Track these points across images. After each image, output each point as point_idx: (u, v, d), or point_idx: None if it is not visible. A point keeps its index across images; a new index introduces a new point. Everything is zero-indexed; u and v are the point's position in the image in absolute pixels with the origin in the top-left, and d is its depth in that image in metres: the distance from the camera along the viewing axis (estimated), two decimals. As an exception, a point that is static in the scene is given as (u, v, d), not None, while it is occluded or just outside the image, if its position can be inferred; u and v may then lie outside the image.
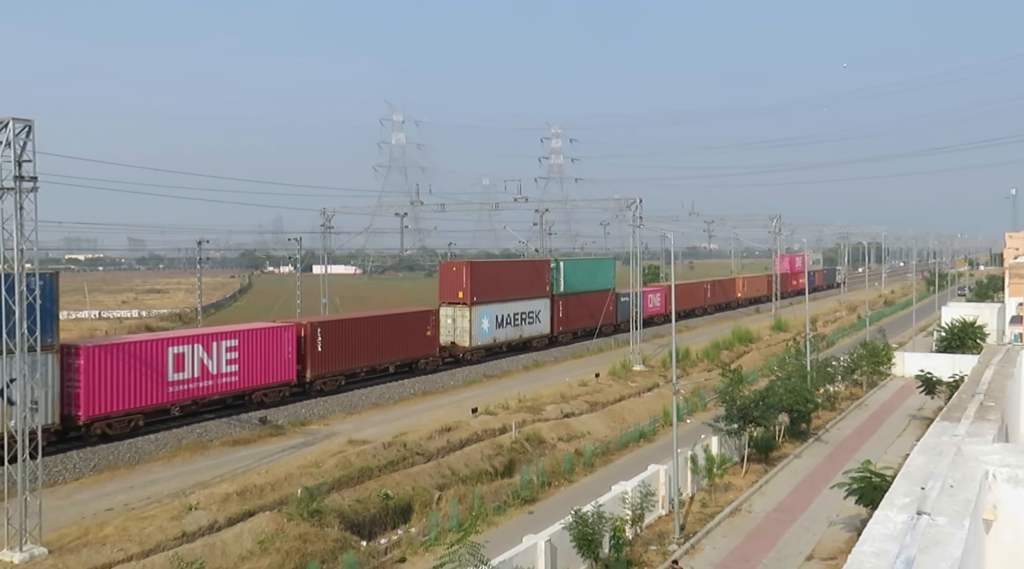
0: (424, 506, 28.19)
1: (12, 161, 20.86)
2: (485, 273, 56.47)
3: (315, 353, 41.30)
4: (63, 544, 21.57)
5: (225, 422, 36.37)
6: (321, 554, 22.81)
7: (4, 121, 20.97)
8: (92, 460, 30.24)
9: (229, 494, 25.82)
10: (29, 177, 21.11)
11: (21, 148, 20.97)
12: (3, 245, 21.36)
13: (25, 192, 21.05)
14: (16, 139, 20.89)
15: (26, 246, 21.32)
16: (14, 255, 21.18)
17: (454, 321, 53.78)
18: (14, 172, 20.88)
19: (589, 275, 67.49)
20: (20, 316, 21.53)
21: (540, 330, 60.93)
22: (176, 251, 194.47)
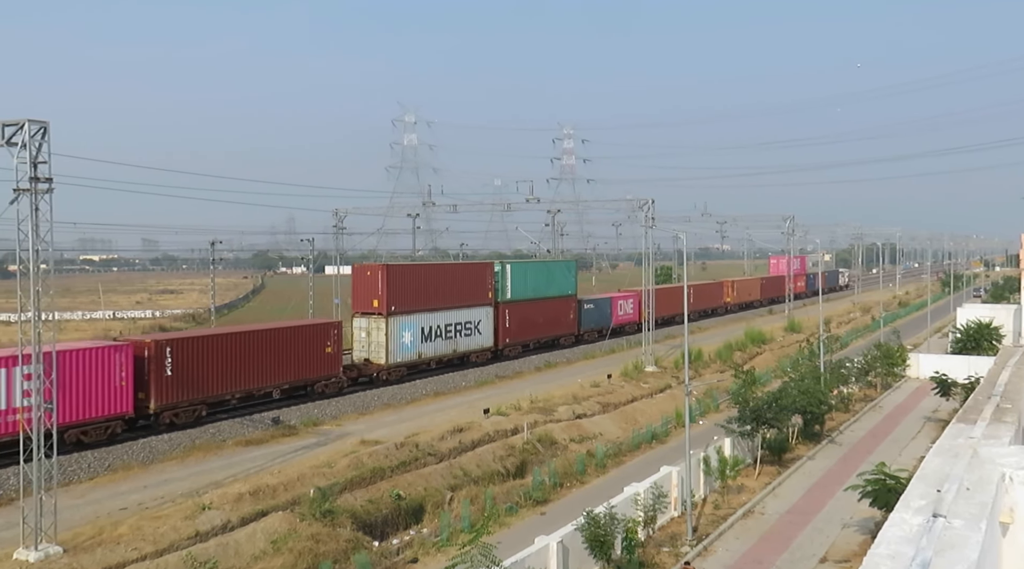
0: (436, 507, 28.20)
1: (28, 162, 20.99)
2: (407, 278, 49.10)
3: (162, 378, 33.93)
4: (78, 543, 21.69)
5: (238, 422, 36.51)
6: (333, 554, 22.85)
7: (20, 123, 21.11)
8: (107, 459, 30.42)
9: (242, 494, 25.90)
10: (44, 178, 21.23)
11: (37, 150, 21.10)
12: (19, 246, 21.49)
13: (40, 193, 21.18)
14: (32, 141, 21.03)
15: (41, 247, 21.45)
16: (30, 256, 21.31)
17: (368, 335, 46.72)
18: (29, 173, 21.00)
19: (544, 279, 60.52)
20: (35, 318, 21.66)
21: (480, 343, 53.82)
22: (190, 252, 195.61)
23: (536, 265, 63.97)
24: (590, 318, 65.61)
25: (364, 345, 46.85)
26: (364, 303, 47.19)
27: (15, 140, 21.10)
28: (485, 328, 54.02)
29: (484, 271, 55.74)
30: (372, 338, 46.66)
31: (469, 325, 52.66)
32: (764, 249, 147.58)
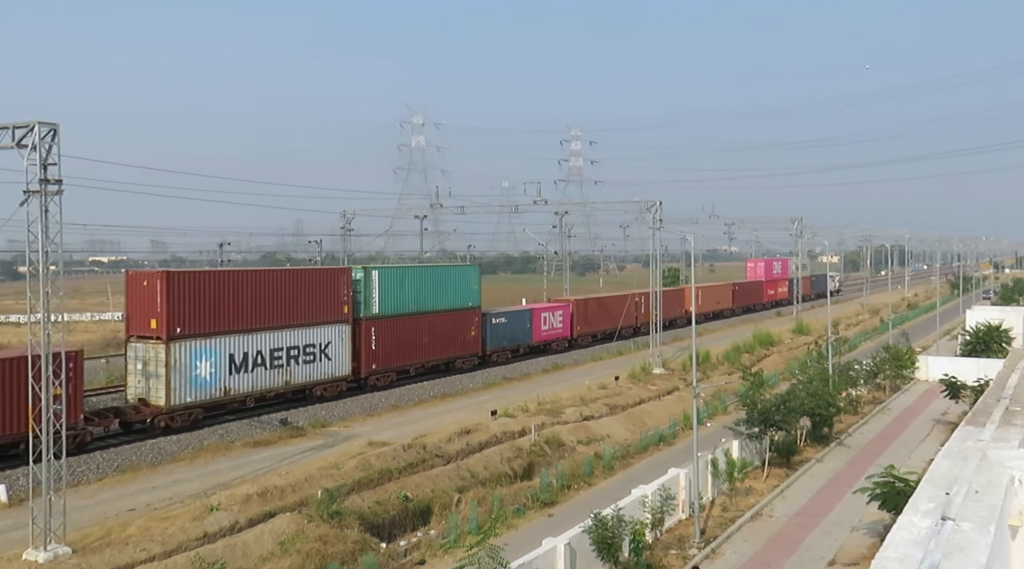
0: (443, 508, 28.21)
1: (38, 164, 21.09)
2: (204, 289, 35.89)
3: None
4: (87, 544, 21.78)
5: (246, 423, 36.59)
6: (341, 556, 22.88)
7: (30, 125, 21.22)
8: (115, 461, 30.52)
9: (250, 495, 25.97)
10: (54, 180, 21.33)
11: (47, 151, 21.20)
12: (28, 247, 21.59)
13: (50, 195, 21.28)
14: (42, 143, 21.13)
15: (51, 248, 21.55)
16: (39, 257, 21.42)
17: (145, 366, 34.44)
18: (39, 175, 21.11)
19: (431, 289, 49.31)
20: (44, 319, 21.76)
21: (330, 371, 42.00)
22: (198, 253, 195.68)
23: (419, 271, 51.01)
24: (500, 335, 55.42)
25: (140, 381, 34.70)
26: (140, 323, 34.86)
27: (25, 142, 21.21)
28: (338, 352, 42.36)
29: (337, 279, 43.01)
30: (149, 370, 34.50)
31: (311, 349, 40.72)
32: (772, 251, 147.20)
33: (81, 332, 73.19)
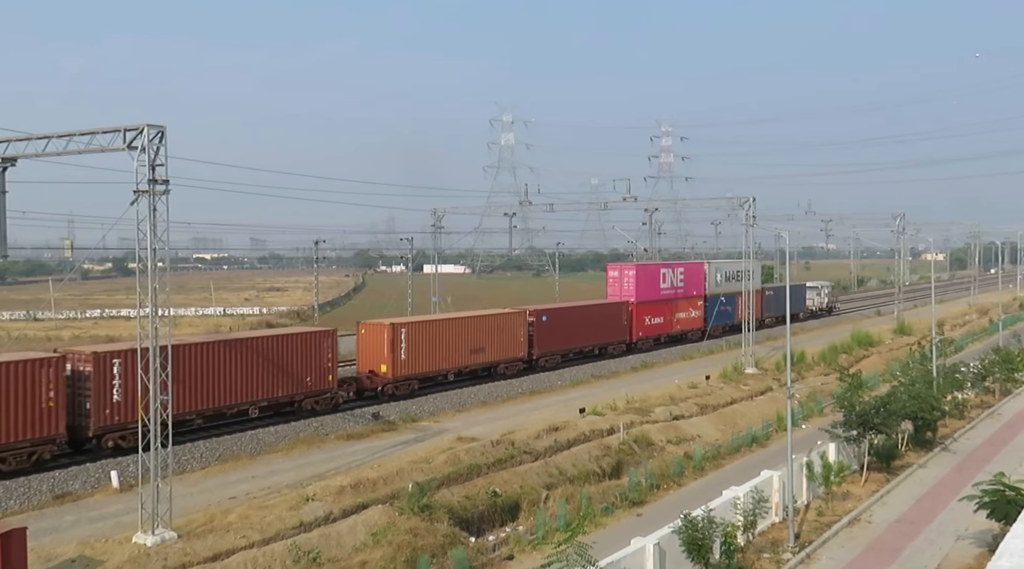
0: (532, 505, 28.27)
1: (146, 165, 22.05)
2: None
3: None
4: (190, 529, 22.70)
5: (340, 417, 37.50)
6: (431, 548, 23.19)
7: (139, 128, 22.21)
8: (217, 450, 31.74)
9: (344, 487, 26.59)
10: (161, 180, 22.26)
11: (155, 153, 22.15)
12: (138, 245, 22.62)
13: (158, 194, 22.22)
14: (150, 145, 22.08)
15: (158, 246, 22.51)
16: (148, 254, 22.41)
17: None
18: (148, 176, 22.07)
19: None
20: (152, 313, 22.76)
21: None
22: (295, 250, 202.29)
23: None
24: None
25: None
26: None
27: (135, 144, 22.21)
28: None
29: None
30: None
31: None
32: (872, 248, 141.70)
33: (186, 326, 76.33)
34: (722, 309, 67.91)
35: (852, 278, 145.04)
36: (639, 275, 61.20)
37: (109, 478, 27.43)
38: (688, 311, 66.02)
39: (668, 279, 64.20)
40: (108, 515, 24.30)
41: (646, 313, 61.20)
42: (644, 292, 61.26)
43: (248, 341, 35.36)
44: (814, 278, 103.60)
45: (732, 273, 70.16)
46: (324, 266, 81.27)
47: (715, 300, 68.07)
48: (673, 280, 64.82)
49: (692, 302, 66.38)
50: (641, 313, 60.45)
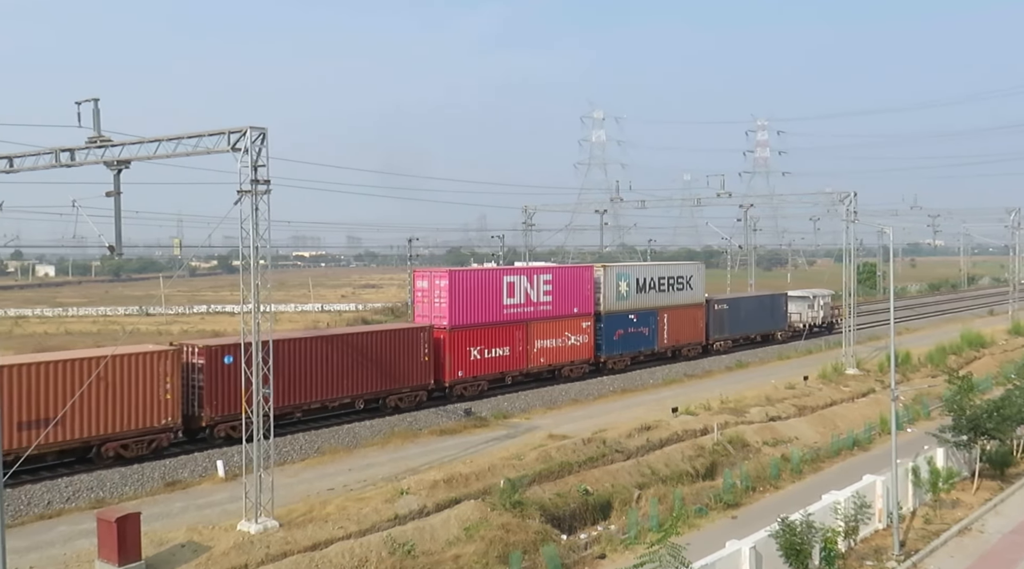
0: (623, 504, 28.08)
1: (249, 166, 22.85)
2: None
3: None
4: (291, 519, 23.43)
5: (432, 412, 38.03)
6: (523, 545, 23.28)
7: (242, 130, 23.02)
8: (316, 442, 32.65)
9: (437, 481, 26.96)
10: (263, 181, 23.01)
11: (256, 154, 22.92)
12: (241, 243, 23.46)
13: (259, 194, 22.97)
14: (252, 146, 22.86)
15: (260, 244, 23.29)
16: (250, 252, 23.21)
17: None
18: (251, 176, 22.86)
19: None
20: (255, 309, 23.57)
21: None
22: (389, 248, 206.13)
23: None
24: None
25: None
26: None
27: (239, 146, 23.05)
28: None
29: None
30: None
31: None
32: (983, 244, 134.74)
33: (286, 322, 78.77)
34: (631, 331, 49.78)
35: (962, 276, 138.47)
36: (455, 286, 40.23)
37: (215, 467, 28.57)
38: (563, 336, 45.54)
39: (519, 291, 43.31)
40: (214, 503, 25.31)
41: (470, 342, 40.61)
42: (465, 311, 40.59)
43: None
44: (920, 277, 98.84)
45: (652, 281, 51.84)
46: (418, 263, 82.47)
47: (617, 319, 48.84)
48: (530, 292, 43.87)
49: (572, 323, 46.06)
50: (460, 343, 40.14)
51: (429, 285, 40.79)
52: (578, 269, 48.01)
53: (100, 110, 27.49)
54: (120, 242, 28.97)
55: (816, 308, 68.68)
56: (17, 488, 25.41)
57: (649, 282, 51.71)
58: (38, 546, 21.59)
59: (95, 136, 27.55)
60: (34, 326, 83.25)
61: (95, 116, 27.47)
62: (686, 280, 54.17)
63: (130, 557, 19.59)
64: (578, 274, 47.22)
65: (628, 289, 49.92)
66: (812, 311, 68.20)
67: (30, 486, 25.99)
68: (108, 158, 27.35)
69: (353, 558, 21.64)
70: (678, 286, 53.72)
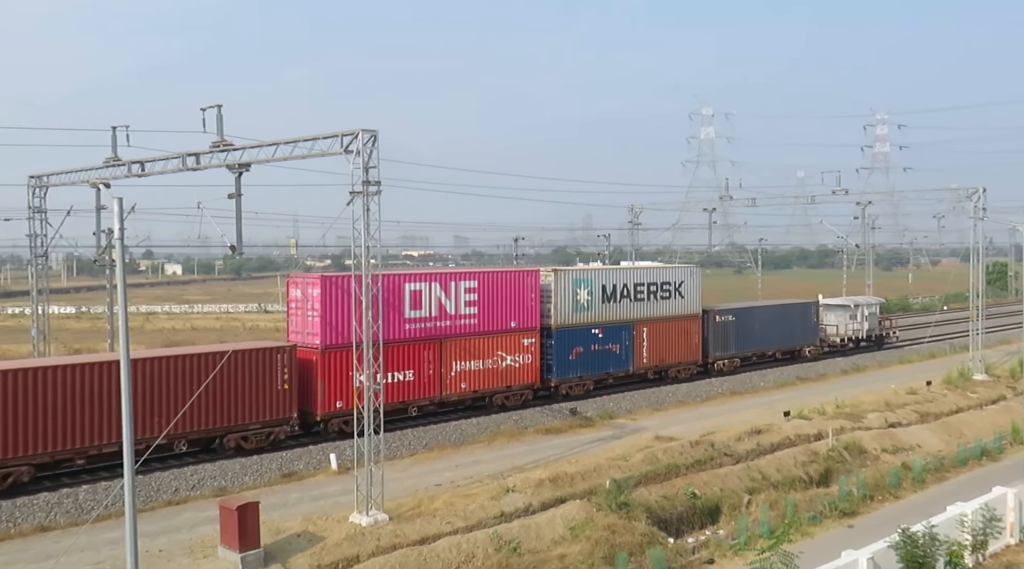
0: (732, 509, 27.47)
1: (360, 168, 23.50)
2: None
3: None
4: (400, 513, 23.94)
5: (538, 411, 38.14)
6: (629, 546, 23.08)
7: (355, 133, 23.70)
8: (424, 439, 33.27)
9: (542, 480, 27.02)
10: (374, 182, 23.62)
11: (368, 156, 23.55)
12: (353, 242, 24.13)
13: (370, 195, 23.59)
14: (364, 148, 23.50)
15: (371, 243, 23.91)
16: (362, 251, 23.86)
17: None
18: (362, 178, 23.50)
19: None
20: (366, 305, 24.23)
21: None
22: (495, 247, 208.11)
23: None
24: None
25: None
26: None
27: (351, 148, 23.73)
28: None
29: None
30: None
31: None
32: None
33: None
34: (596, 349, 40.91)
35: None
36: (331, 295, 31.48)
37: (329, 460, 29.50)
38: (494, 356, 36.68)
39: (428, 301, 34.25)
40: (328, 494, 26.14)
41: (349, 365, 30.25)
42: (347, 326, 30.24)
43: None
44: None
45: (625, 288, 42.49)
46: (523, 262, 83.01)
47: (574, 335, 39.87)
48: (445, 302, 34.83)
49: (509, 340, 37.16)
50: (338, 366, 31.60)
51: (302, 294, 32.50)
52: (517, 274, 38.46)
53: (223, 115, 28.85)
54: (241, 242, 30.28)
55: (859, 319, 58.29)
56: (147, 475, 26.92)
57: (621, 290, 42.45)
58: (166, 530, 22.82)
59: (218, 140, 28.93)
60: (163, 322, 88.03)
61: (218, 121, 28.84)
62: (674, 287, 44.67)
63: (250, 544, 20.45)
64: (517, 280, 37.77)
65: (590, 298, 40.80)
66: (854, 322, 57.95)
67: (159, 473, 27.51)
68: (230, 161, 28.66)
69: (460, 553, 21.95)
70: (663, 294, 44.12)
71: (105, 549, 21.20)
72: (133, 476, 15.26)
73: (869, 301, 60.64)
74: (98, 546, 21.37)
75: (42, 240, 38.61)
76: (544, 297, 39.33)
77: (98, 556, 20.84)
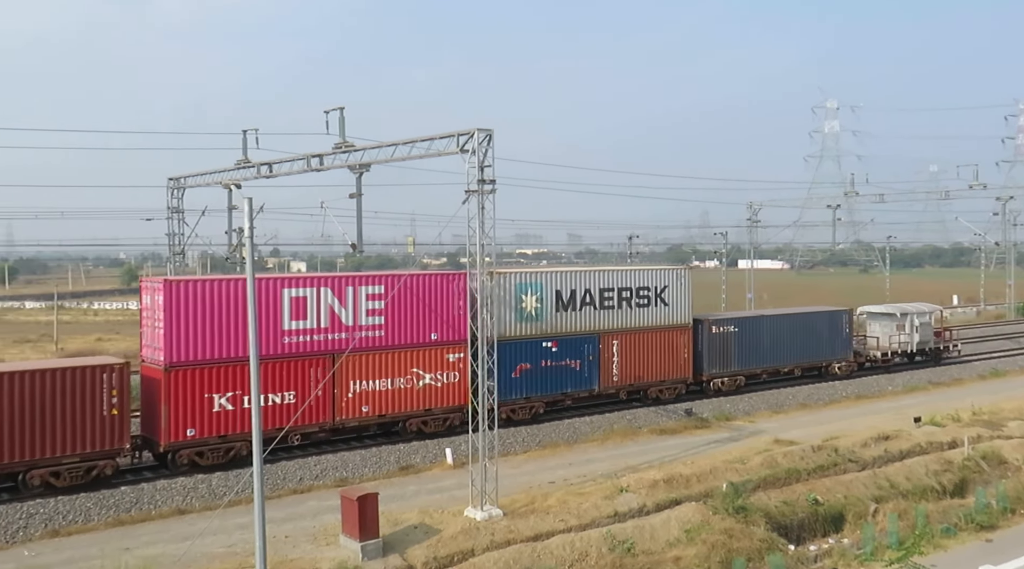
0: (858, 517, 26.34)
1: (476, 167, 23.78)
2: None
3: None
4: (514, 508, 24.12)
5: (652, 411, 37.66)
6: (746, 552, 22.49)
7: (470, 132, 24.01)
8: (538, 436, 33.39)
9: (656, 481, 26.67)
10: (489, 181, 23.88)
11: (483, 155, 23.82)
12: (468, 241, 24.46)
13: (485, 194, 23.85)
14: (479, 148, 23.78)
15: (485, 241, 24.17)
16: (477, 249, 24.15)
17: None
18: (477, 176, 23.79)
19: None
20: (483, 305, 24.50)
21: None
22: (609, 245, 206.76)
23: None
24: None
25: None
26: None
27: (467, 148, 24.06)
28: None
29: None
30: None
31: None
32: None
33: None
34: (548, 365, 34.64)
35: None
36: (179, 302, 26.94)
37: (444, 455, 30.03)
38: (408, 375, 31.21)
39: (316, 309, 29.24)
40: (443, 488, 26.62)
41: (211, 386, 27.35)
42: (203, 339, 27.29)
43: None
44: None
45: (589, 294, 35.83)
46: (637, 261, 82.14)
47: (517, 349, 33.60)
48: (339, 311, 29.73)
49: (428, 355, 31.62)
50: (190, 387, 27.07)
51: (151, 302, 27.84)
52: (437, 278, 32.09)
53: (345, 118, 29.80)
54: (361, 240, 31.22)
55: (909, 329, 49.59)
56: (274, 464, 28.11)
57: (582, 296, 35.62)
58: (291, 518, 23.78)
59: (340, 142, 29.92)
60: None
61: (341, 123, 29.82)
62: (654, 292, 37.74)
63: (370, 534, 21.05)
64: (438, 285, 31.85)
65: (540, 306, 34.33)
66: (902, 334, 49.38)
67: (285, 463, 28.68)
68: (351, 162, 29.59)
69: (574, 551, 21.92)
70: (639, 301, 37.26)
71: (236, 533, 22.28)
72: (262, 465, 15.96)
73: (922, 309, 51.54)
74: (229, 530, 22.48)
75: (179, 238, 40.92)
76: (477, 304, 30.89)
77: (229, 539, 21.92)
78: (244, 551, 20.72)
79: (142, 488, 25.78)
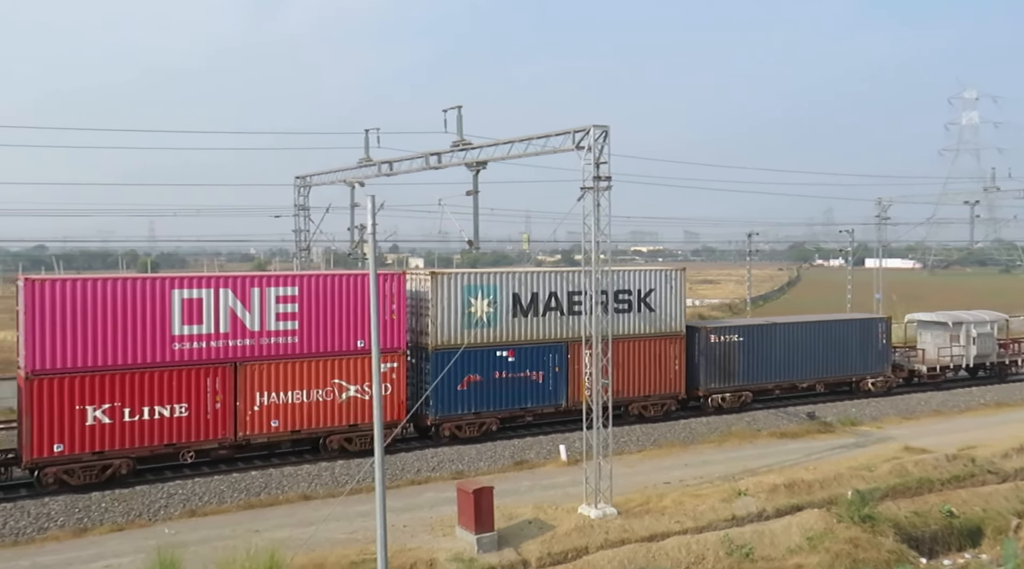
0: (998, 532, 24.81)
1: (592, 163, 23.66)
2: None
3: None
4: (628, 508, 23.90)
5: (772, 413, 36.56)
6: (873, 562, 21.54)
7: (586, 129, 23.90)
8: (652, 435, 32.98)
9: (777, 485, 25.89)
10: (604, 177, 23.72)
11: (599, 152, 23.67)
12: (584, 238, 24.37)
13: (601, 190, 23.70)
14: (595, 144, 23.64)
15: (601, 238, 24.01)
16: (592, 246, 24.03)
17: None
18: (593, 173, 23.66)
19: None
20: (595, 302, 24.37)
21: None
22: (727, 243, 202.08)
23: None
24: None
25: None
26: None
27: (582, 145, 23.96)
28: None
29: None
30: None
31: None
32: None
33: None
34: (504, 377, 31.31)
35: None
36: (45, 301, 24.29)
37: (559, 451, 30.06)
38: (328, 387, 28.20)
39: (213, 312, 26.48)
40: (557, 485, 26.65)
41: (87, 397, 24.79)
42: (75, 344, 24.68)
43: None
44: None
45: (554, 297, 32.26)
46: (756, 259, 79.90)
47: (465, 358, 29.94)
48: (242, 315, 26.93)
49: (351, 365, 28.50)
50: (60, 398, 24.45)
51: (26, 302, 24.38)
52: (365, 279, 28.47)
53: (463, 116, 30.21)
54: (477, 237, 31.54)
55: (964, 340, 43.65)
56: (394, 455, 28.85)
57: (546, 300, 32.08)
58: (409, 508, 24.35)
59: (458, 140, 30.34)
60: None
61: (458, 122, 30.24)
62: (637, 296, 33.81)
63: (485, 527, 21.31)
64: (366, 287, 28.36)
65: (493, 311, 31.07)
66: (955, 345, 43.65)
67: (403, 454, 29.38)
68: (468, 160, 29.96)
69: (690, 554, 21.54)
70: (618, 306, 33.30)
71: (357, 520, 23.00)
72: (383, 455, 16.39)
73: (981, 318, 44.90)
74: (351, 517, 23.23)
75: (305, 235, 42.51)
76: (418, 309, 30.88)
77: (351, 526, 22.64)
78: (365, 538, 21.35)
79: (270, 473, 26.97)
